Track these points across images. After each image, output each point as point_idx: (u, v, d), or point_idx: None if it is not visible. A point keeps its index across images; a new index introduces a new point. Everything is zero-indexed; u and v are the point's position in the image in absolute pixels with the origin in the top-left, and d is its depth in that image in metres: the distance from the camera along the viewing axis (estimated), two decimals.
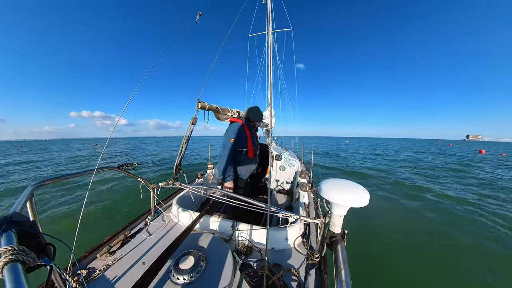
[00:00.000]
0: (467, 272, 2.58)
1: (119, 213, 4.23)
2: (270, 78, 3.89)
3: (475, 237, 3.41)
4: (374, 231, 3.50)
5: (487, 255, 2.92)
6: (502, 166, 12.22)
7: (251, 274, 0.96)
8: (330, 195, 0.80)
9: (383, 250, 2.98)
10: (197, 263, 0.94)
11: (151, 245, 1.29)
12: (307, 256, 1.17)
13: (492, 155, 20.75)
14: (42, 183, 0.89)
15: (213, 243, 1.11)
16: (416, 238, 3.34)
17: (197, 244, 1.11)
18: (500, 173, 9.47)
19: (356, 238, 3.06)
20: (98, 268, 1.07)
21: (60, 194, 5.64)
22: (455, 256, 2.90)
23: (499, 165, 12.67)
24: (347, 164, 11.64)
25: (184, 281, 0.86)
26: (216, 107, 1.79)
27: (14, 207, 0.68)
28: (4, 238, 0.42)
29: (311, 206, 1.83)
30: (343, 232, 0.86)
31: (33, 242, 0.50)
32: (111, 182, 6.73)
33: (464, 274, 2.54)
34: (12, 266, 0.37)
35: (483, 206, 4.87)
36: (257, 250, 1.25)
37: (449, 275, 2.55)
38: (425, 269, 2.64)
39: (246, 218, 1.51)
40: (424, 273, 2.53)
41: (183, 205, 1.65)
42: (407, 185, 6.73)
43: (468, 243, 3.26)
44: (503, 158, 17.20)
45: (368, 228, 3.55)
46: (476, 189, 6.49)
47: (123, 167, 1.38)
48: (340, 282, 0.61)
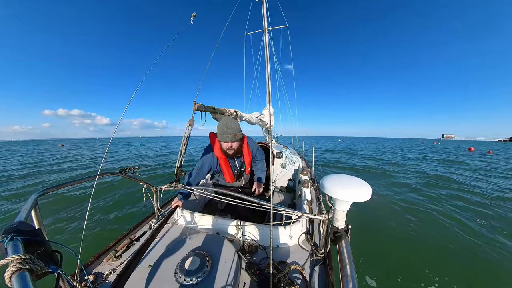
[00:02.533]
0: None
1: (123, 217, 4.25)
2: (268, 75, 3.87)
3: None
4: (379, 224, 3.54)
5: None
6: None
7: (257, 273, 0.96)
8: (332, 191, 0.80)
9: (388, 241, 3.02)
10: (202, 263, 0.94)
11: (156, 247, 1.30)
12: (312, 253, 1.18)
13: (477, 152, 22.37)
14: (45, 191, 0.89)
15: (218, 243, 1.12)
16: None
17: (202, 245, 1.11)
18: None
19: (360, 231, 3.10)
20: (105, 272, 1.08)
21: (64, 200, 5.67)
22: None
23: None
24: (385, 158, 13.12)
25: (191, 282, 0.86)
26: (212, 108, 1.79)
27: (19, 216, 0.69)
28: (11, 247, 0.43)
29: (314, 202, 1.83)
30: (346, 227, 0.86)
31: (39, 250, 0.50)
32: (114, 186, 6.76)
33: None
34: (20, 275, 0.37)
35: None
36: (262, 248, 1.26)
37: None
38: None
39: (249, 217, 1.52)
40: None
41: (186, 207, 1.66)
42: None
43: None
44: (492, 155, 18.42)
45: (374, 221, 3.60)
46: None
47: (125, 172, 1.38)
48: (346, 277, 0.61)
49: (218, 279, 0.89)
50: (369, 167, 9.65)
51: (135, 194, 5.86)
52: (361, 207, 3.88)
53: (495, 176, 8.07)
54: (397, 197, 5.06)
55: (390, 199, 4.91)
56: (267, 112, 3.41)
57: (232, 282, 0.87)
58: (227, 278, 0.89)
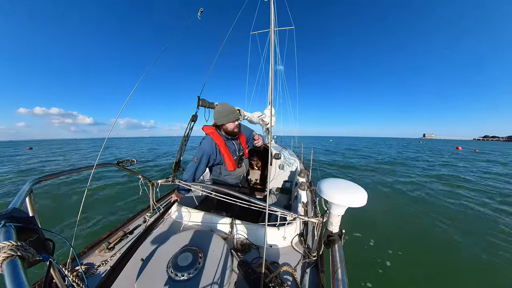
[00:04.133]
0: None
1: (118, 210, 4.25)
2: (271, 75, 3.86)
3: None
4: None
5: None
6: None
7: (249, 272, 0.96)
8: (328, 195, 0.81)
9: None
10: (195, 260, 0.94)
11: (149, 241, 1.30)
12: (304, 255, 1.18)
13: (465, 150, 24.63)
14: (41, 179, 0.89)
15: (211, 240, 1.12)
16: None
17: (195, 241, 1.12)
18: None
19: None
20: (96, 263, 1.08)
21: (60, 189, 5.64)
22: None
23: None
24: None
25: (182, 277, 0.86)
26: (216, 105, 1.79)
27: (13, 202, 0.68)
28: (3, 233, 0.43)
29: (309, 205, 1.84)
30: (340, 232, 0.87)
31: (32, 238, 0.50)
32: (110, 178, 6.72)
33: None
34: (12, 262, 0.37)
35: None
36: (255, 248, 1.26)
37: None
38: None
39: (244, 216, 1.52)
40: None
41: (182, 202, 1.66)
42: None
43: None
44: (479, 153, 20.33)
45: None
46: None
47: (122, 164, 1.38)
48: (337, 281, 0.61)
49: (210, 276, 0.89)
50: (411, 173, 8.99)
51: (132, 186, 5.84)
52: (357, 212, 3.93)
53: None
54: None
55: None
56: (268, 112, 3.41)
57: (224, 280, 0.87)
58: (218, 276, 0.89)
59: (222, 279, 0.88)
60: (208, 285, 0.84)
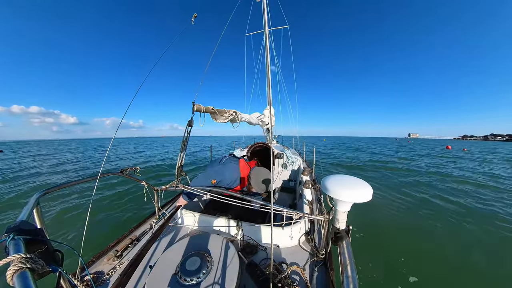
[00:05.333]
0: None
1: (124, 217, 4.26)
2: (268, 76, 3.86)
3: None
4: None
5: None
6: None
7: (257, 273, 0.96)
8: (333, 192, 0.80)
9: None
10: (203, 264, 0.94)
11: (156, 248, 1.30)
12: (312, 253, 1.17)
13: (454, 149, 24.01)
14: (47, 190, 0.90)
15: (218, 244, 1.12)
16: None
17: (202, 245, 1.11)
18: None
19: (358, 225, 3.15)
20: (105, 272, 1.08)
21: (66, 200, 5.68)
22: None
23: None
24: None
25: (191, 282, 0.86)
26: (212, 109, 1.78)
27: (21, 215, 0.69)
28: (12, 246, 0.43)
29: (315, 203, 1.83)
30: (347, 228, 0.86)
31: (41, 249, 0.50)
32: (115, 186, 6.76)
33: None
34: (22, 274, 0.37)
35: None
36: (263, 249, 1.25)
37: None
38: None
39: (250, 218, 1.51)
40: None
41: (187, 207, 1.66)
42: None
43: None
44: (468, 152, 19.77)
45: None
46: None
47: (126, 172, 1.39)
48: (347, 277, 0.61)
49: (219, 279, 0.88)
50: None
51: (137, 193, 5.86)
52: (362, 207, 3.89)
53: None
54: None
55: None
56: (267, 112, 3.41)
57: (233, 283, 0.87)
58: (227, 279, 0.89)
59: (231, 282, 0.87)
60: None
